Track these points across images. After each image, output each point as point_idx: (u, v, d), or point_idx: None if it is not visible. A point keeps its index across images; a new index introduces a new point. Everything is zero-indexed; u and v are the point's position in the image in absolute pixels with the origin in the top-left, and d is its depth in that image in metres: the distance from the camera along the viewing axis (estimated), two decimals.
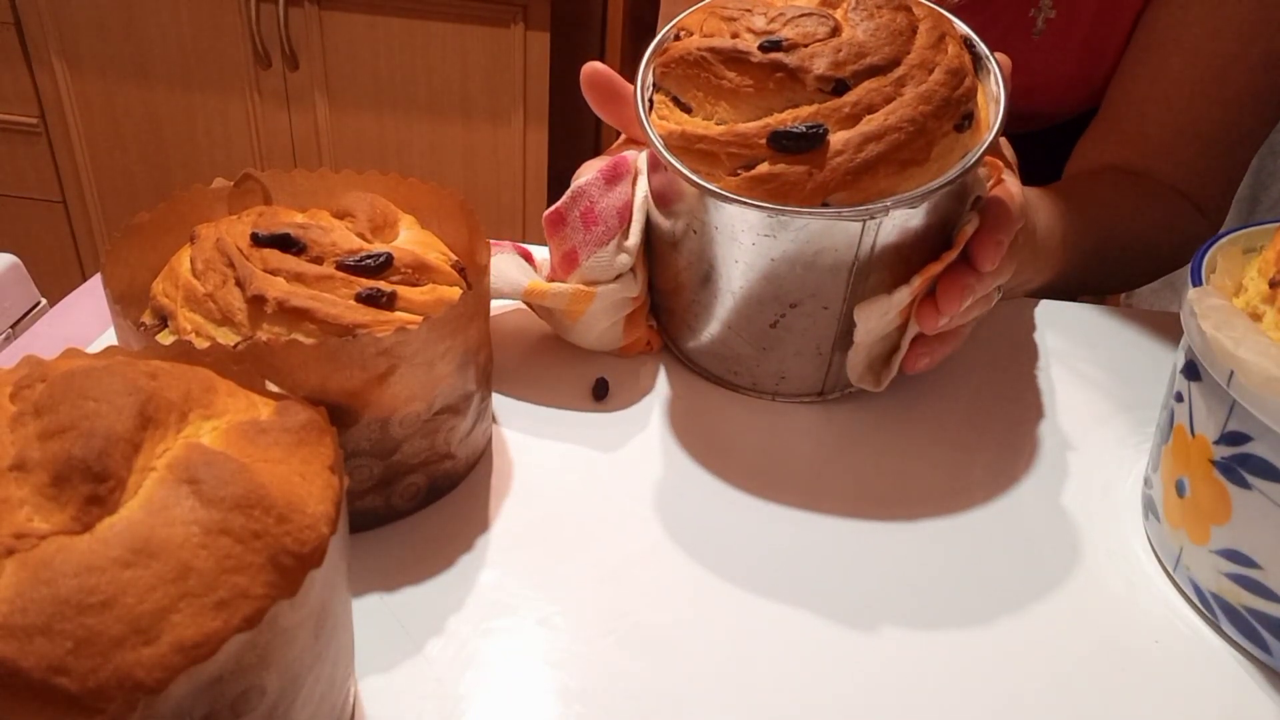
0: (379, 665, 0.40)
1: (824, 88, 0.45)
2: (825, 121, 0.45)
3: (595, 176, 0.53)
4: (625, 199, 0.53)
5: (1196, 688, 0.41)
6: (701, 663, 0.41)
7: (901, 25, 0.47)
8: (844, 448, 0.53)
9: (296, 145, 1.73)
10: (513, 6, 1.53)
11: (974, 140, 0.48)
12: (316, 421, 0.33)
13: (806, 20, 0.47)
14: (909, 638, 0.42)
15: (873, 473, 0.51)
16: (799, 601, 0.44)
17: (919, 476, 0.51)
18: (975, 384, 0.58)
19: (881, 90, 0.45)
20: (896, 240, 0.47)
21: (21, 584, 0.25)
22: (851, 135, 0.45)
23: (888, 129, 0.44)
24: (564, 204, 0.53)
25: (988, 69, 0.50)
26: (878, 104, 0.45)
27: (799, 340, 0.52)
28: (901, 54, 0.46)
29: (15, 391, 0.30)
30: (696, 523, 0.48)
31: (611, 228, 0.52)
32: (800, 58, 0.45)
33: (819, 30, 0.46)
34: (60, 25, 1.66)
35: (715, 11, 0.49)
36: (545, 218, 0.53)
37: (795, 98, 0.46)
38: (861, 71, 0.45)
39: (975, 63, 0.50)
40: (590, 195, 0.53)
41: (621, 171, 0.54)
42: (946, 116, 0.46)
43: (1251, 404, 0.38)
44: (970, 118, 0.47)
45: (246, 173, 0.50)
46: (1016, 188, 0.51)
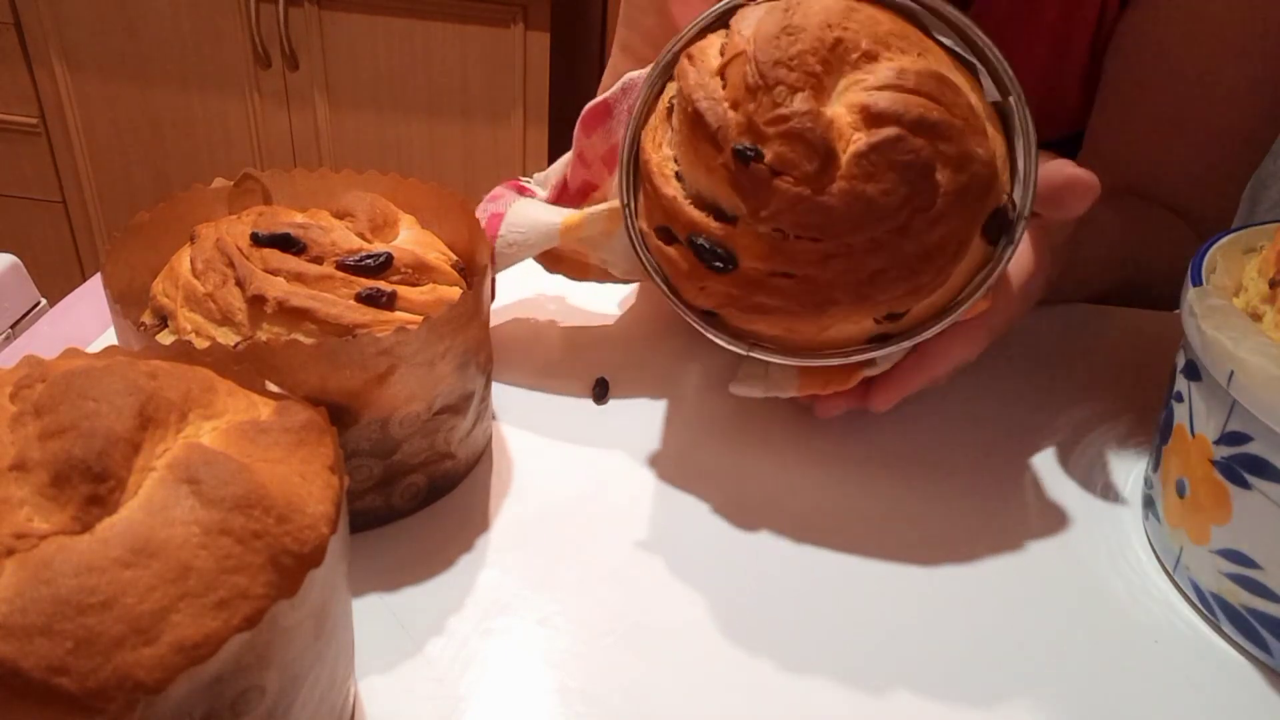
0: (379, 665, 0.40)
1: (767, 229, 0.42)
2: (740, 253, 0.42)
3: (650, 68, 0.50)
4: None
5: (1196, 688, 0.41)
6: (701, 663, 0.41)
7: (892, 203, 0.41)
8: (843, 447, 0.53)
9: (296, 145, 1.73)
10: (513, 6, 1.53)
11: (890, 329, 0.45)
12: (316, 421, 0.33)
13: (802, 145, 0.40)
14: (909, 637, 0.42)
15: (872, 473, 0.51)
16: (799, 602, 0.44)
17: (918, 476, 0.51)
18: (975, 384, 0.57)
19: (811, 256, 0.42)
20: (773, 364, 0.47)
21: (21, 584, 0.25)
22: (756, 278, 0.43)
23: (786, 300, 0.43)
24: (613, 96, 0.51)
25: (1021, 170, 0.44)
26: (800, 268, 0.42)
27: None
28: (860, 239, 0.41)
29: (15, 391, 0.30)
30: (697, 523, 0.48)
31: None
32: (760, 189, 0.41)
33: (804, 165, 0.40)
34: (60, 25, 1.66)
35: (754, 57, 0.42)
36: (587, 111, 0.51)
37: (741, 206, 0.42)
38: (804, 237, 0.41)
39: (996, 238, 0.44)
40: (640, 88, 0.49)
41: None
42: (864, 309, 0.43)
43: (1251, 404, 0.38)
44: (897, 318, 0.44)
45: (246, 173, 0.50)
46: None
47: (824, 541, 0.47)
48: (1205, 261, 0.44)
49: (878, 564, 0.46)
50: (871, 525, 0.48)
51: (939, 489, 0.50)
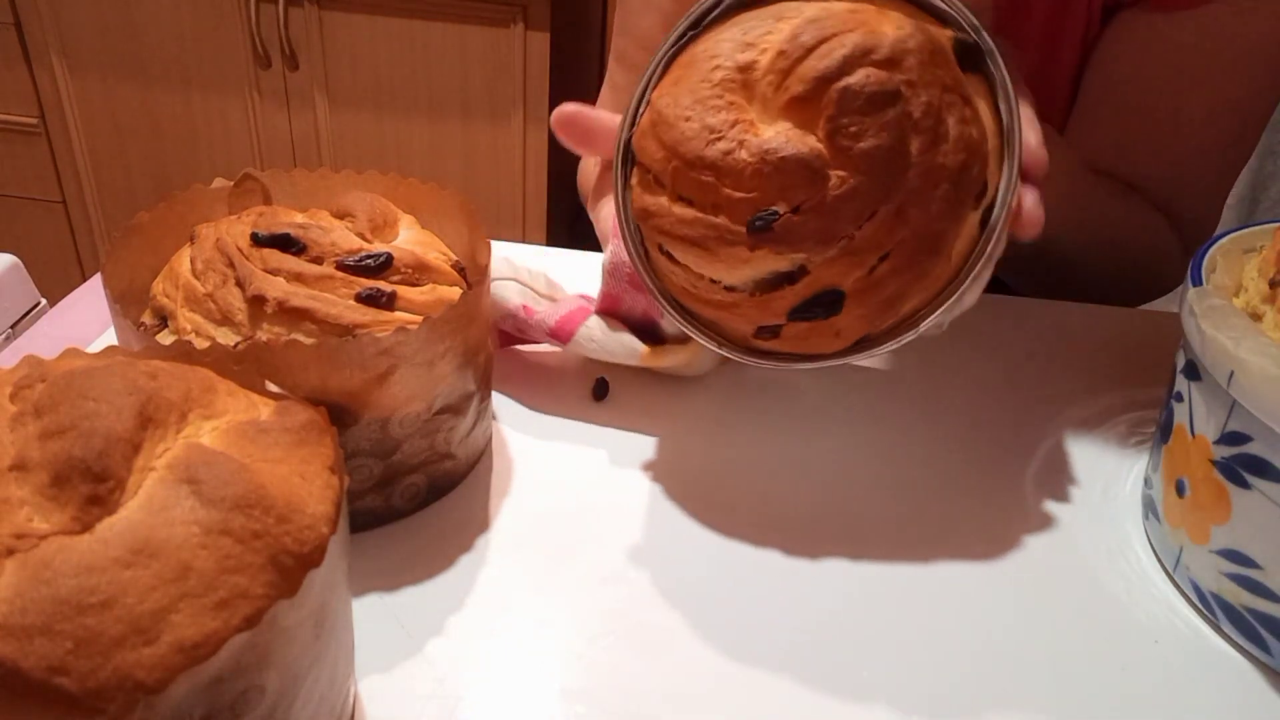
0: (379, 665, 0.40)
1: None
2: (837, 282, 0.41)
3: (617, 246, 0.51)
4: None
5: (1196, 688, 0.41)
6: (701, 663, 0.41)
7: (891, 136, 0.39)
8: (844, 447, 0.53)
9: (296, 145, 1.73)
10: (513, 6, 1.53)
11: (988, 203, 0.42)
12: (316, 421, 0.33)
13: (787, 173, 0.39)
14: (909, 637, 0.42)
15: (872, 472, 0.51)
16: (799, 602, 0.44)
17: (918, 477, 0.51)
18: (974, 384, 0.58)
19: (885, 228, 0.40)
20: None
21: (21, 584, 0.25)
22: (867, 285, 0.41)
23: (905, 272, 0.41)
24: (608, 287, 0.52)
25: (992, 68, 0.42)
26: (887, 242, 0.40)
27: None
28: (900, 179, 0.40)
29: (15, 391, 0.30)
30: (697, 523, 0.48)
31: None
32: (790, 232, 0.40)
33: (804, 187, 0.39)
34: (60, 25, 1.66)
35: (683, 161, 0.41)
36: (601, 310, 0.54)
37: (797, 257, 0.41)
38: (862, 223, 0.40)
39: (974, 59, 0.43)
40: (625, 264, 0.50)
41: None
42: (958, 214, 0.41)
43: (1251, 404, 0.38)
44: (984, 190, 0.42)
45: (246, 173, 0.50)
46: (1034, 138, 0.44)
47: (824, 541, 0.47)
48: (1205, 261, 0.44)
49: (877, 564, 0.46)
50: (871, 525, 0.48)
51: (939, 489, 0.50)
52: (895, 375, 0.58)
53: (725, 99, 0.41)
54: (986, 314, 0.64)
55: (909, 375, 0.58)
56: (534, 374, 0.56)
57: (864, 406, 0.55)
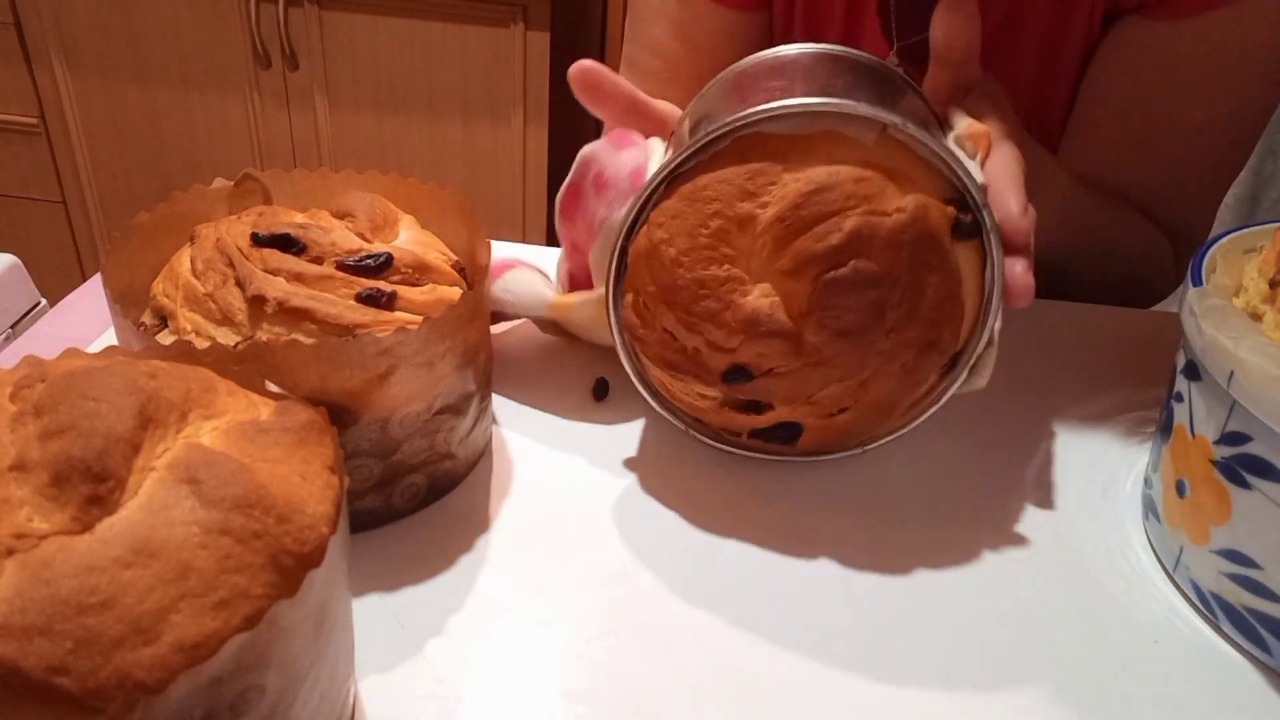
0: (379, 665, 0.40)
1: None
2: (799, 420, 0.46)
3: (602, 141, 0.50)
4: (638, 163, 0.50)
5: (1196, 688, 0.41)
6: (701, 663, 0.41)
7: (867, 316, 0.42)
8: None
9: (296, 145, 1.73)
10: (513, 6, 1.53)
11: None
12: (316, 421, 0.33)
13: (766, 340, 0.43)
14: (908, 637, 0.42)
15: (869, 474, 0.51)
16: (799, 602, 0.44)
17: (917, 477, 0.51)
18: None
19: (847, 392, 0.45)
20: None
21: (21, 584, 0.25)
22: (824, 423, 0.46)
23: (859, 421, 0.46)
24: (574, 176, 0.51)
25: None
26: (846, 401, 0.45)
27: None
28: (867, 356, 0.43)
29: (15, 391, 0.30)
30: (697, 523, 0.48)
31: (623, 191, 0.48)
32: (760, 391, 0.45)
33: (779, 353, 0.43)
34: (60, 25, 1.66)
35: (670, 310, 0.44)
36: (560, 201, 0.51)
37: (761, 401, 0.46)
38: (828, 386, 0.44)
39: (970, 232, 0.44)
40: (600, 159, 0.50)
41: (630, 139, 0.51)
42: (920, 381, 0.45)
43: (1251, 404, 0.38)
44: (954, 362, 0.46)
45: (246, 173, 0.50)
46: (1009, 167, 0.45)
47: (824, 541, 0.47)
48: (1205, 261, 0.44)
49: (877, 564, 0.46)
50: (871, 525, 0.48)
51: (938, 488, 0.50)
52: None
53: (720, 251, 0.43)
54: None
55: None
56: (534, 374, 0.56)
57: None
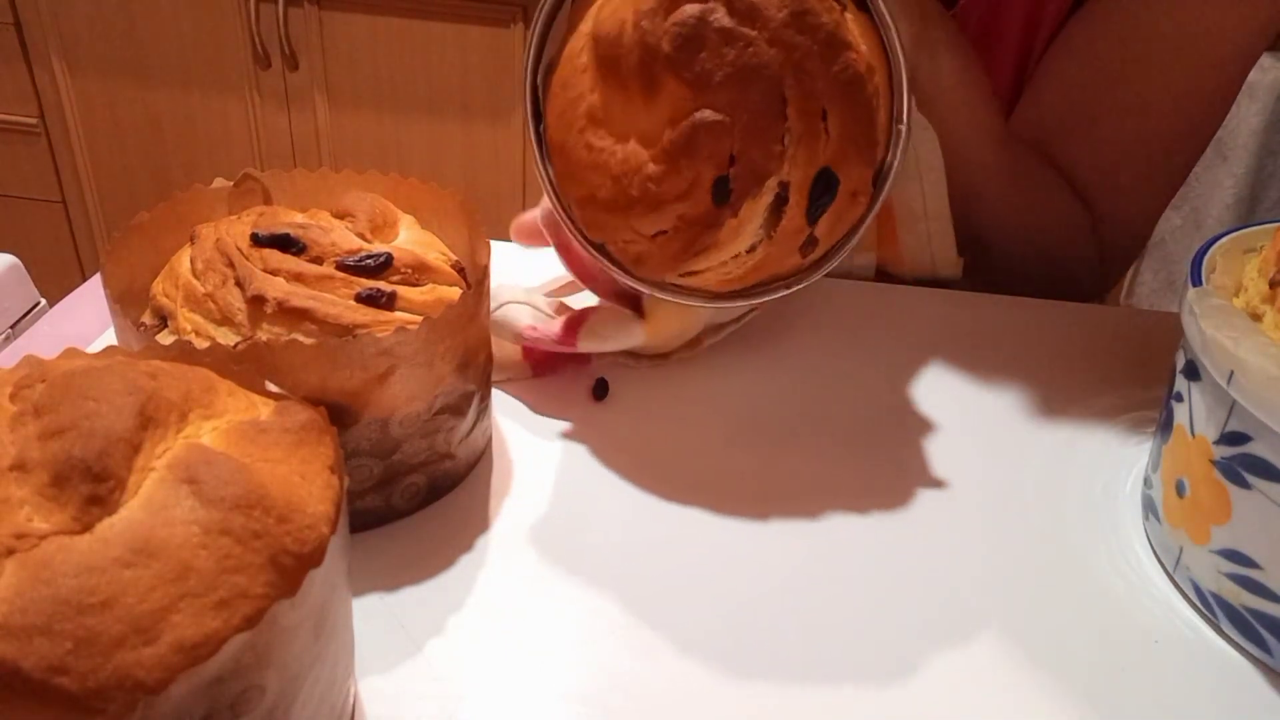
0: (379, 665, 0.40)
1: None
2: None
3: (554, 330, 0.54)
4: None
5: (1196, 688, 0.41)
6: (702, 663, 0.41)
7: (746, 61, 0.40)
8: (844, 447, 0.53)
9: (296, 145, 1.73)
10: (512, 6, 1.53)
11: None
12: (316, 421, 0.33)
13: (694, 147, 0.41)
14: (908, 637, 0.42)
15: (870, 474, 0.51)
16: (799, 602, 0.44)
17: (918, 477, 0.51)
18: (975, 384, 0.58)
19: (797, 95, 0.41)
20: None
21: (21, 584, 0.25)
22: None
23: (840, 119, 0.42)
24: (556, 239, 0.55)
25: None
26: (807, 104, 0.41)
27: None
28: (770, 73, 0.41)
29: (15, 391, 0.30)
30: (697, 522, 0.48)
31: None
32: (746, 178, 0.42)
33: (725, 150, 0.41)
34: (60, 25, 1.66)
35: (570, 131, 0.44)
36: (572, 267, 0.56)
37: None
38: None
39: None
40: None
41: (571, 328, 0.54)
42: (862, 91, 0.41)
43: (1251, 404, 0.38)
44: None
45: (246, 173, 0.50)
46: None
47: (824, 541, 0.47)
48: (1205, 261, 0.44)
49: (877, 564, 0.46)
50: (871, 525, 0.48)
51: (939, 489, 0.50)
52: (895, 376, 0.58)
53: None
54: (985, 313, 0.64)
55: (908, 375, 0.58)
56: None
57: (864, 408, 0.55)
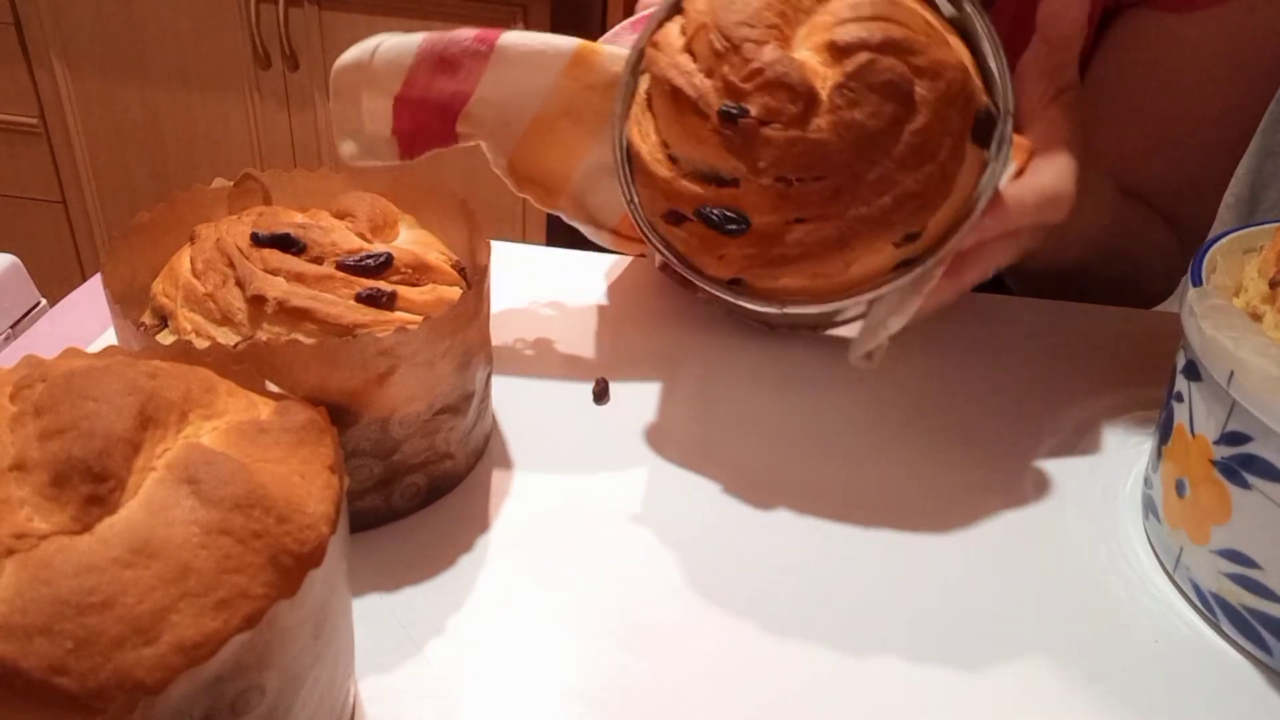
0: (379, 665, 0.40)
1: (767, 178, 0.42)
2: (750, 211, 0.43)
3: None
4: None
5: (1196, 688, 0.41)
6: (701, 663, 0.41)
7: (881, 124, 0.41)
8: (844, 448, 0.53)
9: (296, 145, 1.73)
10: (513, 6, 1.53)
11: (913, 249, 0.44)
12: (316, 421, 0.33)
13: (783, 91, 0.41)
14: (908, 637, 0.42)
15: (871, 474, 0.51)
16: (798, 602, 0.44)
17: (918, 477, 0.51)
18: (974, 383, 0.58)
19: (819, 196, 0.42)
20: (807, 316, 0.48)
21: (21, 584, 0.25)
22: (771, 231, 0.43)
23: (805, 246, 0.43)
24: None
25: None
26: (811, 209, 0.42)
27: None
28: (860, 166, 0.42)
29: (15, 391, 0.30)
30: (696, 523, 0.48)
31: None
32: (752, 142, 0.42)
33: (788, 109, 0.41)
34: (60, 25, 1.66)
35: (715, 24, 0.43)
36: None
37: (739, 165, 0.43)
38: (806, 179, 0.42)
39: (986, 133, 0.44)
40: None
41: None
42: (884, 235, 0.43)
43: (1251, 404, 0.38)
44: (916, 236, 0.44)
45: (246, 173, 0.50)
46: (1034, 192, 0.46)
47: (824, 542, 0.47)
48: (1205, 261, 0.44)
49: (877, 564, 0.46)
50: (871, 525, 0.48)
51: (939, 489, 0.50)
52: (894, 376, 0.58)
53: (778, 8, 0.43)
54: (986, 314, 0.64)
55: (908, 375, 0.58)
56: (534, 374, 0.56)
57: (864, 408, 0.55)
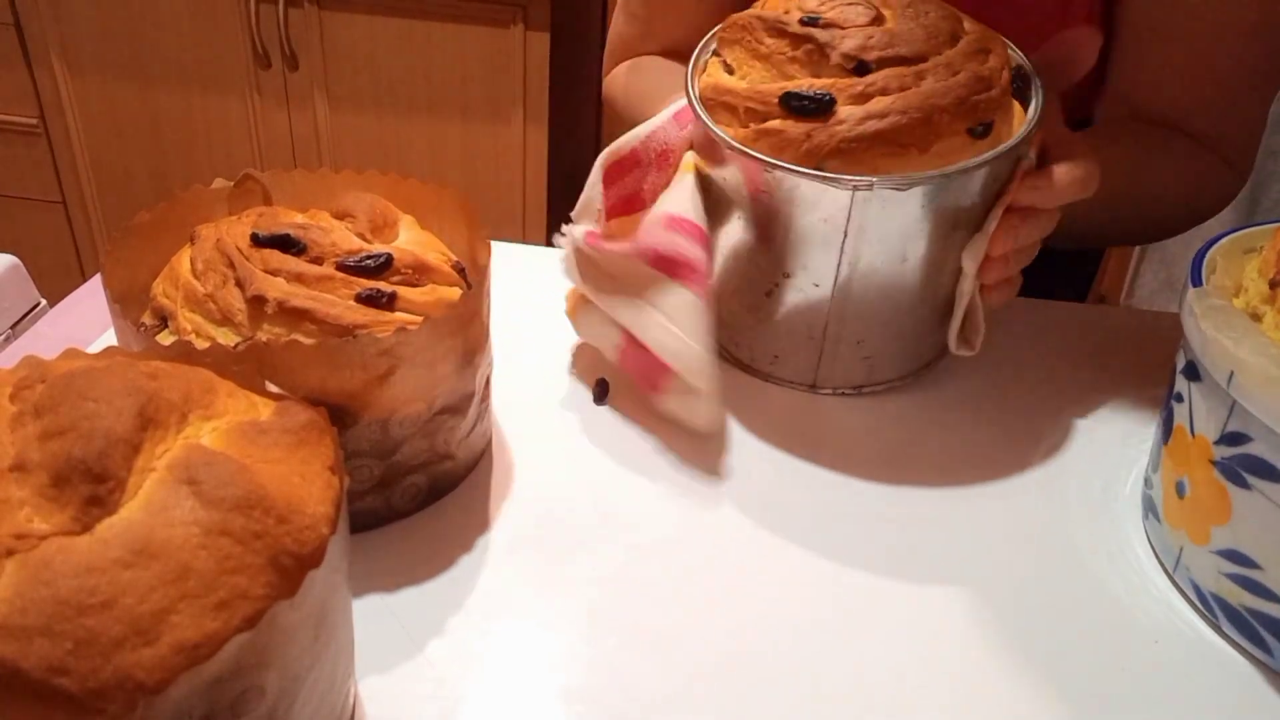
0: (379, 665, 0.40)
1: (847, 65, 0.47)
2: (838, 95, 0.46)
3: (668, 118, 0.54)
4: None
5: (1196, 688, 0.41)
6: (701, 663, 0.41)
7: (943, 30, 0.48)
8: (844, 448, 0.53)
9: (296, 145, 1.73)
10: (513, 6, 1.53)
11: (988, 148, 0.48)
12: (316, 422, 0.33)
13: (852, 8, 0.48)
14: (908, 637, 0.42)
15: (872, 473, 0.51)
16: (798, 602, 0.44)
17: (919, 477, 0.51)
18: (975, 385, 0.57)
19: (900, 77, 0.46)
20: (888, 224, 0.48)
21: (21, 584, 0.25)
22: (856, 110, 0.46)
23: (892, 110, 0.46)
24: (638, 145, 0.54)
25: (1034, 98, 0.50)
26: (892, 89, 0.46)
27: (792, 317, 0.53)
28: (932, 52, 0.48)
29: (15, 392, 0.30)
30: (696, 523, 0.48)
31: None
32: (831, 35, 0.47)
33: (859, 17, 0.48)
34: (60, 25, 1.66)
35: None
36: (610, 165, 0.54)
37: (820, 71, 0.48)
38: (887, 59, 0.47)
39: (1022, 90, 0.51)
40: (667, 133, 0.54)
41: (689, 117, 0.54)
42: (960, 116, 0.47)
43: (1251, 404, 0.38)
44: (989, 128, 0.48)
45: (246, 173, 0.50)
46: (1068, 174, 0.50)
47: (824, 541, 0.47)
48: (1205, 262, 0.44)
49: (877, 564, 0.46)
50: (871, 526, 0.48)
51: (939, 489, 0.50)
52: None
53: None
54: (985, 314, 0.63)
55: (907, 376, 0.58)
56: (534, 374, 0.56)
57: (862, 409, 0.55)
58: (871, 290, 0.51)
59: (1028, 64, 0.52)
